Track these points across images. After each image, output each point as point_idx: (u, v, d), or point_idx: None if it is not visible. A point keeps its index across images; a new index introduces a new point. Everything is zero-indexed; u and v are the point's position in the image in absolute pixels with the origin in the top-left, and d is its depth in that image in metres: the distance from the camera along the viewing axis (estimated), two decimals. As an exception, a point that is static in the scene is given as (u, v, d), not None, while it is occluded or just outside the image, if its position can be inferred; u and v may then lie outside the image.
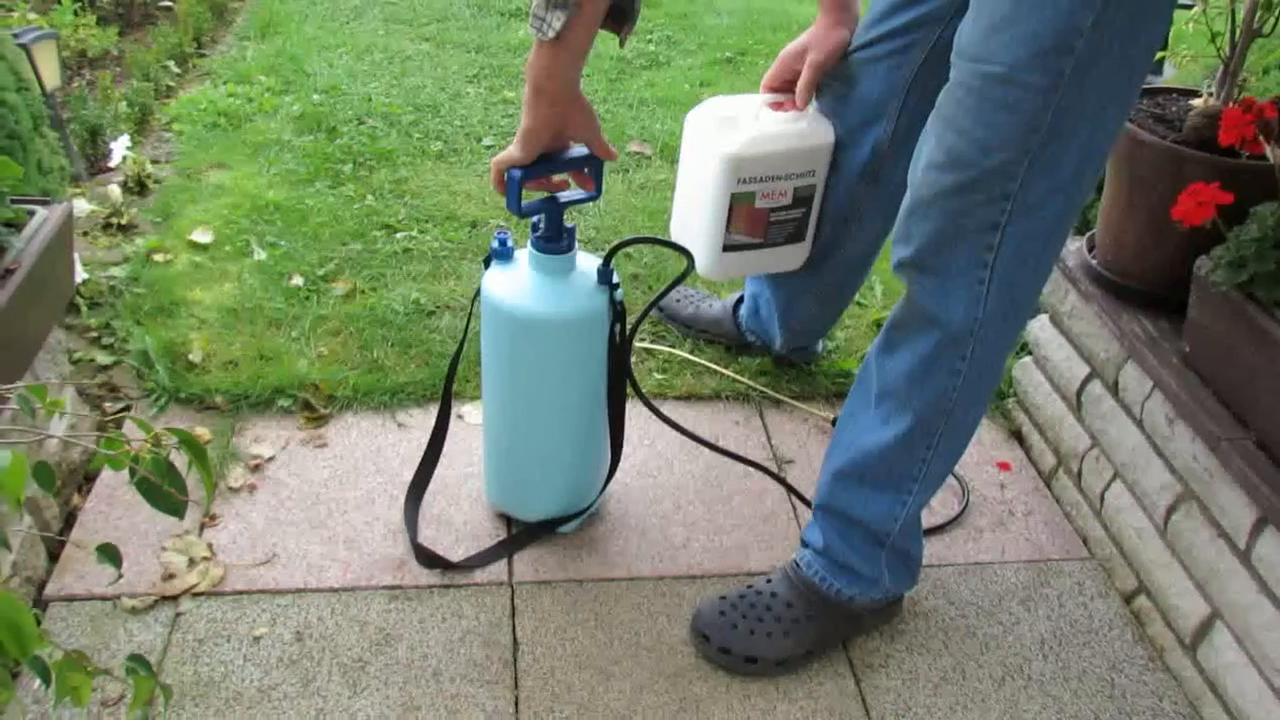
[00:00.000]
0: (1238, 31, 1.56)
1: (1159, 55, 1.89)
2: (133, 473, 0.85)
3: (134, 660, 0.91)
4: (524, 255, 1.51)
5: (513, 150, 1.37)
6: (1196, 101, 1.62)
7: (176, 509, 0.87)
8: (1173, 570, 1.56)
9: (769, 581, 1.55)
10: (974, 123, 1.21)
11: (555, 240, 1.46)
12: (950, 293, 1.30)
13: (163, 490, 0.84)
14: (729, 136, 1.68)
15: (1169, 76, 2.25)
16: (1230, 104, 1.53)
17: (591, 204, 2.50)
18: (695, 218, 1.77)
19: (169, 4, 3.65)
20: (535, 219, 1.46)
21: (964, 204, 1.25)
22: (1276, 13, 1.51)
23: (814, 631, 1.51)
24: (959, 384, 1.35)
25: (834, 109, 1.70)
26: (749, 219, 1.73)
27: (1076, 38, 1.14)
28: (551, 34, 1.26)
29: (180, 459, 0.89)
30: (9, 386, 0.85)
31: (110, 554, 0.90)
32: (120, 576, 1.36)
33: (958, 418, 1.39)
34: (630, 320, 1.53)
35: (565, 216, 1.46)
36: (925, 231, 1.29)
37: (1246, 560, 1.40)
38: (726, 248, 1.76)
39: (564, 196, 1.45)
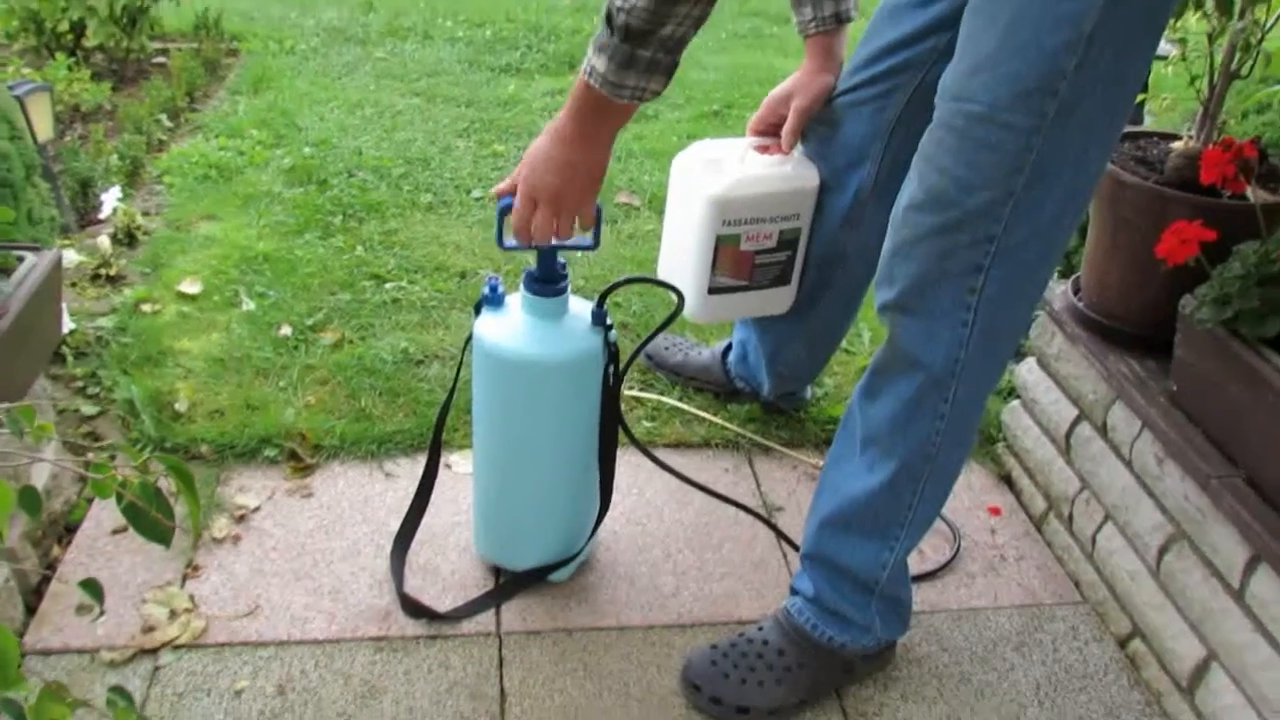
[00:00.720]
0: (1216, 74, 1.58)
1: (1139, 98, 1.92)
2: (120, 498, 0.84)
3: (115, 691, 0.89)
4: (515, 301, 1.51)
5: (578, 196, 1.37)
6: (1177, 144, 1.64)
7: (164, 536, 0.86)
8: (1167, 612, 1.55)
9: (760, 630, 1.54)
10: (955, 162, 1.22)
11: (549, 281, 1.45)
12: (933, 335, 1.30)
13: (150, 517, 0.83)
14: (714, 178, 1.69)
15: (1147, 124, 2.27)
16: (1210, 145, 1.54)
17: (581, 254, 2.52)
18: (681, 260, 1.78)
19: (162, 60, 3.69)
20: (529, 268, 1.47)
21: (947, 245, 1.25)
22: (1254, 55, 1.54)
23: (807, 680, 1.49)
24: (942, 427, 1.35)
25: (818, 152, 1.72)
26: (734, 261, 1.74)
27: (1060, 80, 1.15)
28: (650, 95, 1.30)
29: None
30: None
31: (93, 589, 0.89)
32: (102, 613, 1.34)
33: (942, 462, 1.39)
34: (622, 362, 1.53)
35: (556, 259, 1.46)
36: (908, 273, 1.29)
37: (1240, 599, 1.39)
38: (712, 290, 1.76)
39: (565, 241, 1.44)
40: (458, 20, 4.39)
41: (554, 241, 1.41)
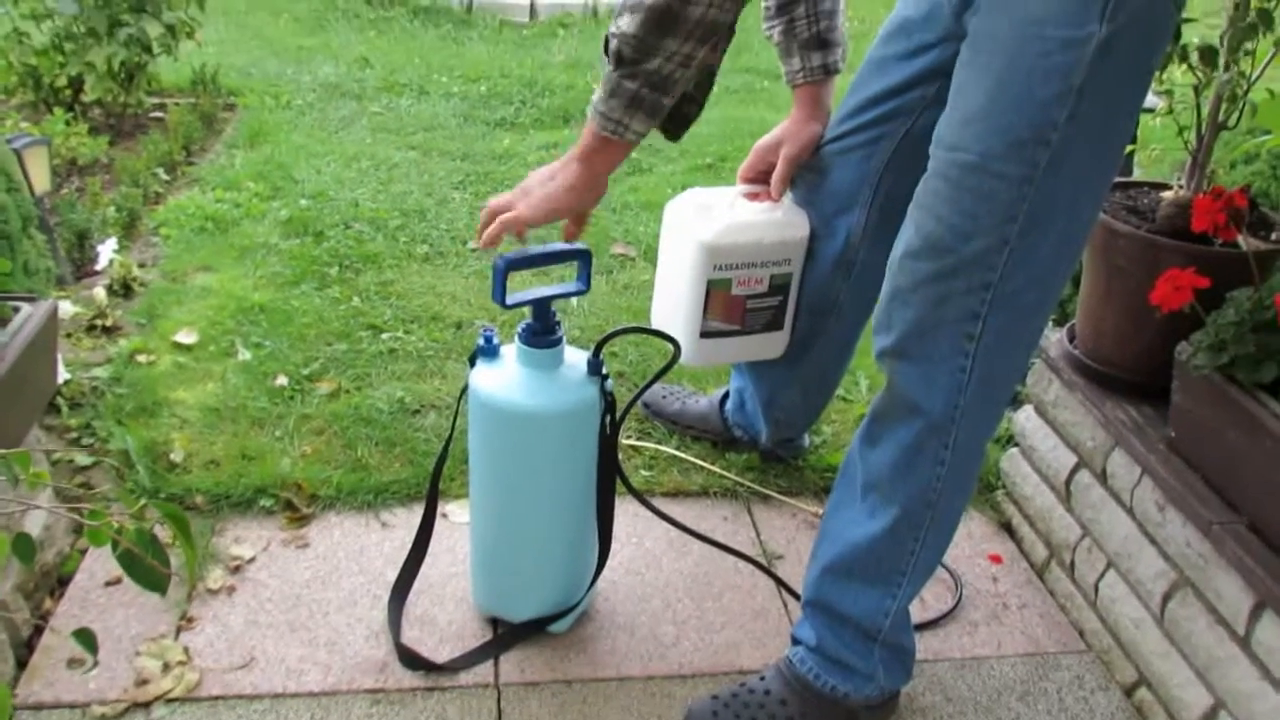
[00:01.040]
0: (1204, 125, 1.60)
1: (1128, 149, 1.95)
2: (115, 546, 0.83)
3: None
4: (510, 352, 1.51)
5: (523, 211, 1.40)
6: (1167, 194, 1.66)
7: (159, 584, 0.85)
8: (1172, 660, 1.53)
9: (762, 679, 1.52)
10: (951, 210, 1.24)
11: (545, 334, 1.46)
12: (932, 380, 1.31)
13: (146, 565, 0.82)
14: (705, 224, 1.71)
15: (1136, 175, 2.30)
16: (1200, 194, 1.56)
17: (576, 304, 2.53)
18: (674, 305, 1.79)
19: (160, 115, 3.71)
20: (525, 323, 1.47)
21: (943, 291, 1.26)
22: (1241, 106, 1.56)
23: (808, 729, 1.47)
24: (943, 473, 1.35)
25: (807, 199, 1.73)
26: (726, 306, 1.75)
27: (1051, 130, 1.17)
28: (632, 136, 1.33)
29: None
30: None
31: (87, 640, 0.88)
32: (95, 664, 1.32)
33: (943, 508, 1.38)
34: (619, 412, 1.52)
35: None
36: (906, 319, 1.31)
37: (1246, 646, 1.38)
38: (704, 334, 1.77)
39: (551, 290, 1.46)
40: (453, 76, 4.44)
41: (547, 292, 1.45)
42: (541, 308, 1.45)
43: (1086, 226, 1.29)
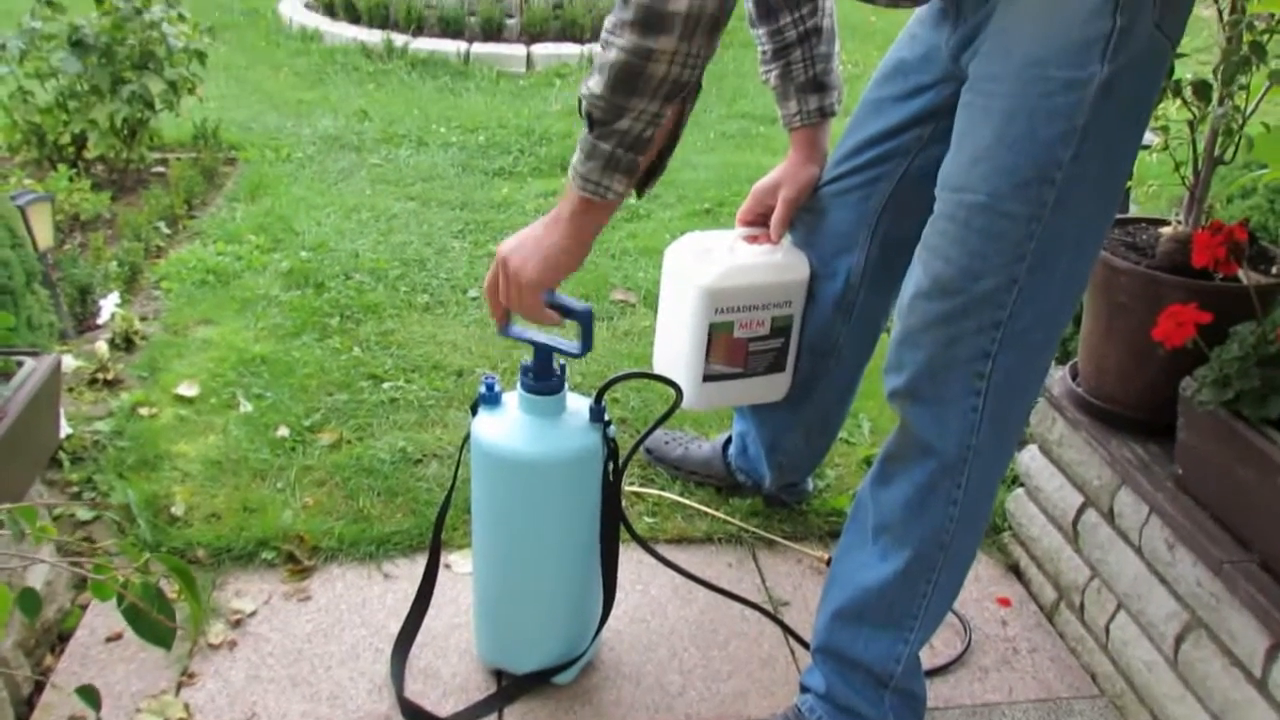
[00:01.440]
0: (1200, 159, 1.61)
1: (1127, 184, 1.95)
2: (120, 600, 0.82)
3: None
4: (512, 399, 1.51)
5: (528, 293, 1.39)
6: (1166, 229, 1.66)
7: (165, 639, 0.84)
8: (1187, 703, 1.51)
9: (770, 728, 1.50)
10: (960, 251, 1.25)
11: (545, 379, 1.45)
12: (944, 421, 1.31)
13: (151, 619, 0.81)
14: (706, 268, 1.71)
15: (1133, 211, 2.31)
16: (1199, 229, 1.56)
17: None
18: (676, 349, 1.79)
19: (162, 169, 3.74)
20: (525, 362, 1.47)
21: (954, 332, 1.27)
22: (1237, 140, 1.57)
23: (819, 780, 1.45)
24: (956, 513, 1.34)
25: (806, 241, 1.74)
26: (728, 349, 1.75)
27: (1056, 170, 1.18)
28: (613, 196, 1.32)
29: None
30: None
31: (90, 697, 0.87)
32: (99, 718, 1.31)
33: (955, 549, 1.38)
34: (621, 458, 1.52)
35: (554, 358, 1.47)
36: (917, 360, 1.31)
37: (1263, 688, 1.36)
38: (707, 377, 1.77)
39: (551, 341, 1.46)
40: (451, 126, 4.47)
41: (517, 329, 1.46)
42: (543, 354, 1.45)
43: (1091, 263, 1.30)
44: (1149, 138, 1.68)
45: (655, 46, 1.20)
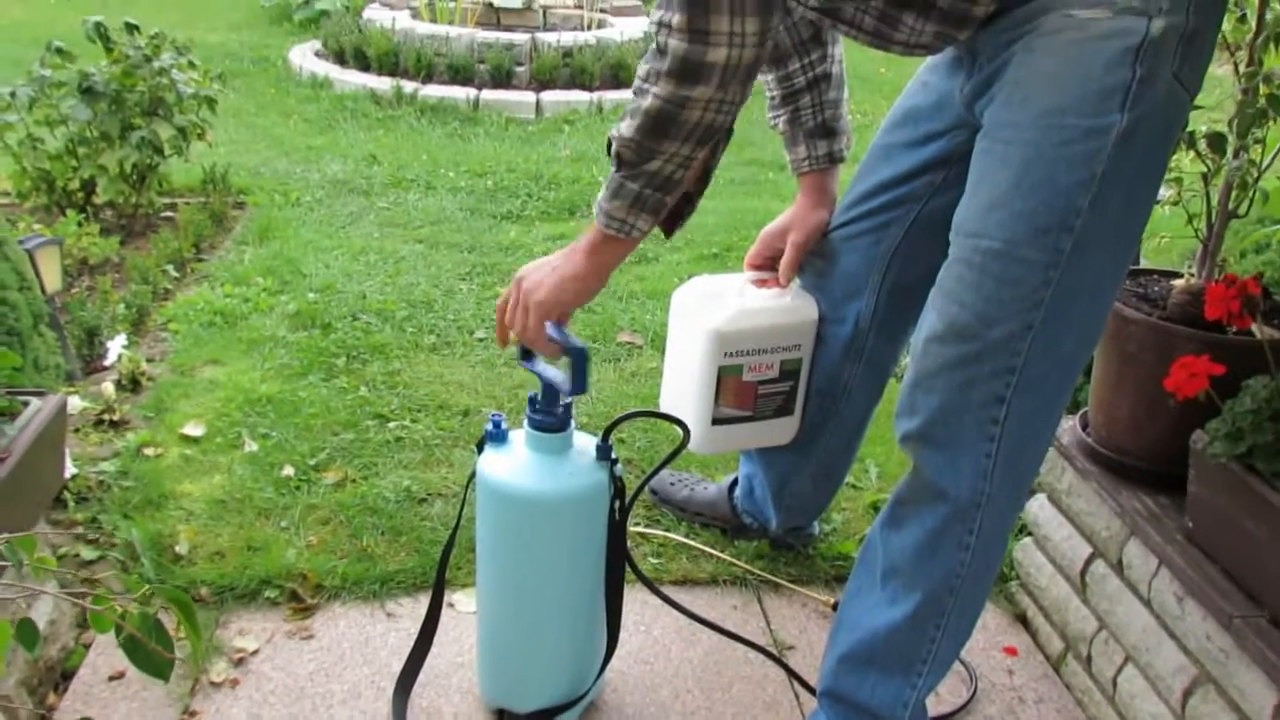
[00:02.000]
0: (1214, 212, 1.62)
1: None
2: (119, 631, 0.81)
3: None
4: (518, 437, 1.51)
5: (533, 318, 1.43)
6: (1178, 281, 1.67)
7: (163, 670, 0.83)
8: (1197, 759, 1.50)
9: (775, 774, 1.48)
10: (975, 297, 1.25)
11: (549, 411, 1.46)
12: (958, 466, 1.31)
13: (149, 650, 0.80)
14: (716, 311, 1.72)
15: (1142, 264, 2.32)
16: (1213, 281, 1.57)
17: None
18: (684, 392, 1.79)
19: (170, 214, 3.76)
20: (532, 394, 1.47)
21: (968, 376, 1.27)
22: (1251, 193, 1.57)
23: (823, 825, 1.43)
24: (967, 559, 1.34)
25: (815, 285, 1.75)
26: (737, 392, 1.75)
27: (1075, 217, 1.19)
28: (636, 234, 1.36)
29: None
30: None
31: (90, 732, 0.86)
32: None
33: (965, 595, 1.37)
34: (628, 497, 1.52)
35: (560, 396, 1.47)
36: (930, 405, 1.31)
37: (1273, 743, 1.35)
38: (716, 420, 1.77)
39: (548, 374, 1.47)
40: (459, 171, 4.51)
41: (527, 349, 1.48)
42: (549, 388, 1.45)
43: (1106, 311, 1.31)
44: (1161, 191, 1.69)
45: (692, 95, 1.22)
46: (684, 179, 1.33)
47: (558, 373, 1.47)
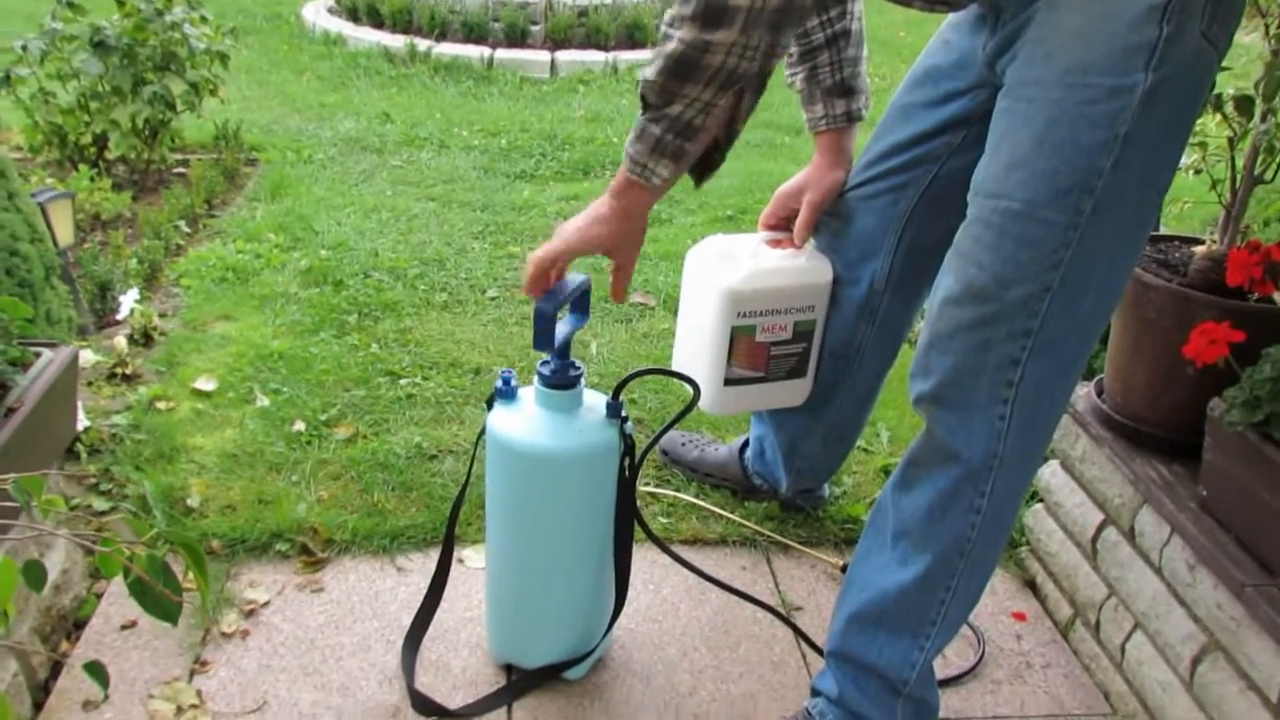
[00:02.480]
0: (1239, 177, 1.59)
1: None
2: (127, 574, 0.81)
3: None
4: (528, 394, 1.51)
5: (555, 243, 1.41)
6: (1200, 248, 1.64)
7: (170, 613, 0.83)
8: (1201, 725, 1.50)
9: (781, 732, 1.49)
10: (993, 258, 1.24)
11: (564, 370, 1.45)
12: (971, 428, 1.30)
13: (157, 593, 0.80)
14: (729, 271, 1.70)
15: (1163, 231, 2.29)
16: (1235, 247, 1.54)
17: (595, 352, 2.53)
18: (697, 352, 1.78)
19: (183, 170, 3.76)
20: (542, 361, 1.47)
21: (984, 338, 1.26)
22: (1278, 159, 1.55)
23: (828, 786, 1.44)
24: (978, 522, 1.33)
25: (831, 245, 1.73)
26: (750, 352, 1.74)
27: (1096, 178, 1.17)
28: (657, 180, 1.34)
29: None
30: (3, 476, 0.82)
31: (97, 673, 0.86)
32: (106, 697, 1.30)
33: (976, 558, 1.36)
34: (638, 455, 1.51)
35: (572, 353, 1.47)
36: (945, 366, 1.30)
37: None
38: (728, 381, 1.76)
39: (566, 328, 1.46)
40: (473, 130, 4.48)
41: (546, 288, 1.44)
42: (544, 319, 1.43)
43: (1126, 275, 1.29)
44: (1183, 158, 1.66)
45: (713, 39, 1.20)
46: (707, 126, 1.31)
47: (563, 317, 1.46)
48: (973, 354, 1.27)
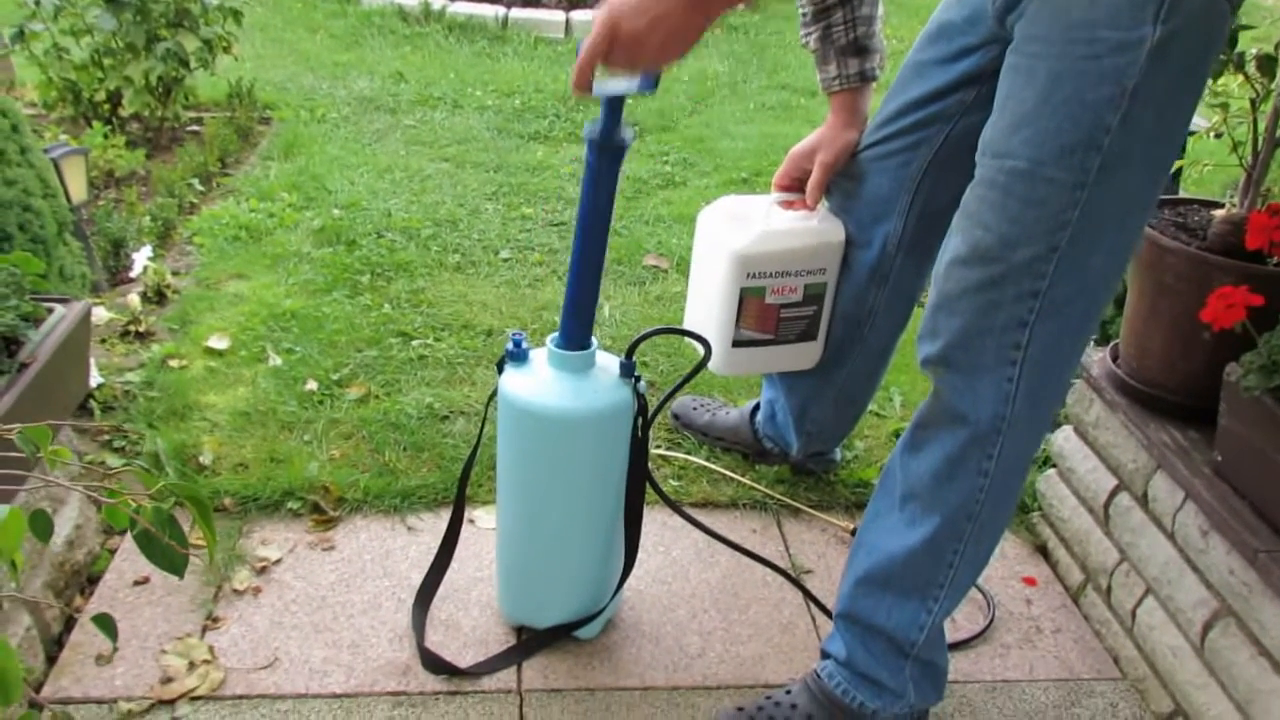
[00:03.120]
0: (1260, 139, 1.56)
1: (1177, 164, 1.91)
2: (133, 525, 0.82)
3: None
4: (539, 356, 1.50)
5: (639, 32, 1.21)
6: (1219, 211, 1.62)
7: (176, 564, 0.83)
8: (1211, 691, 1.49)
9: (788, 693, 1.49)
10: (999, 218, 1.22)
11: (615, 130, 1.35)
12: (978, 390, 1.29)
13: (163, 544, 0.81)
14: (740, 232, 1.69)
15: (1181, 194, 2.26)
16: (1256, 211, 1.52)
17: (608, 314, 2.53)
18: (707, 313, 1.78)
19: (196, 128, 3.74)
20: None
21: (991, 300, 1.24)
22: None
23: (835, 747, 1.44)
24: (986, 485, 1.32)
25: (844, 207, 1.71)
26: (759, 314, 1.73)
27: (1103, 135, 1.15)
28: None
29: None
30: (8, 427, 0.82)
31: (107, 626, 0.87)
32: (115, 649, 1.31)
33: (984, 521, 1.36)
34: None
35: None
36: (952, 328, 1.29)
37: (1291, 676, 1.34)
38: (736, 343, 1.75)
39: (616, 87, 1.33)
40: (487, 90, 4.45)
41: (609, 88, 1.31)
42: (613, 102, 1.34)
43: (1135, 236, 1.27)
44: (1200, 122, 1.63)
45: None
46: None
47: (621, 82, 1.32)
48: (979, 316, 1.26)
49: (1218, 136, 1.68)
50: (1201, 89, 1.21)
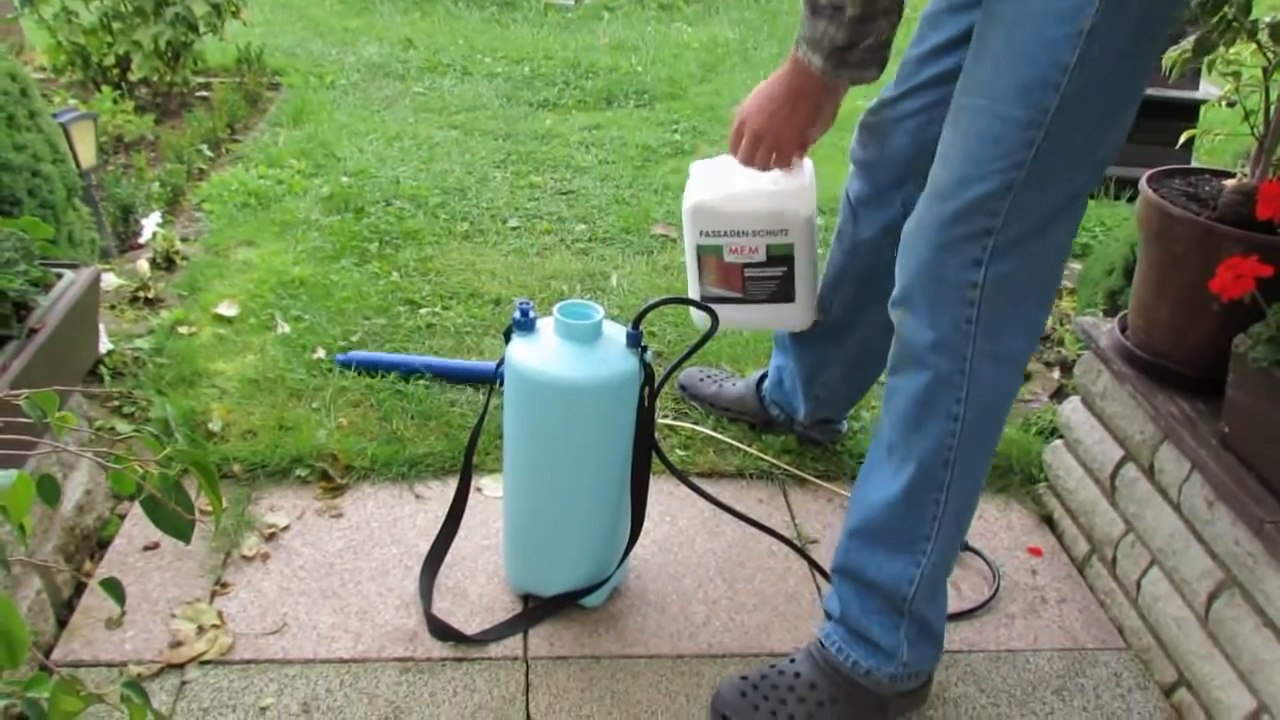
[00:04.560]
0: (1272, 108, 1.55)
1: (1189, 133, 1.89)
2: (139, 490, 0.82)
3: (129, 687, 0.87)
4: (546, 325, 1.50)
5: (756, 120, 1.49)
6: (1230, 181, 1.61)
7: (183, 530, 0.84)
8: (1215, 661, 1.50)
9: (792, 661, 1.50)
10: (957, 155, 1.24)
11: None
12: (936, 329, 1.30)
13: (169, 510, 0.81)
14: (697, 190, 1.72)
15: (1193, 164, 2.24)
16: (1267, 180, 1.51)
17: (616, 284, 2.52)
18: (687, 270, 1.82)
19: (205, 93, 3.74)
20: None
21: (945, 238, 1.26)
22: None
23: (838, 715, 1.45)
24: (958, 429, 1.32)
25: (867, 164, 1.70)
26: (721, 272, 1.76)
27: (1060, 74, 1.17)
28: (814, 69, 1.34)
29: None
30: (16, 393, 0.83)
31: (114, 590, 0.87)
32: (123, 613, 1.32)
33: (961, 471, 1.35)
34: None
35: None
36: (909, 266, 1.31)
37: (1295, 648, 1.34)
38: (705, 299, 1.77)
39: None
40: (496, 57, 4.44)
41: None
42: None
43: (1093, 180, 1.28)
44: (1213, 91, 1.61)
45: None
46: (842, 32, 1.29)
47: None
48: (933, 253, 1.27)
49: (1230, 105, 1.67)
50: (1163, 39, 1.22)
